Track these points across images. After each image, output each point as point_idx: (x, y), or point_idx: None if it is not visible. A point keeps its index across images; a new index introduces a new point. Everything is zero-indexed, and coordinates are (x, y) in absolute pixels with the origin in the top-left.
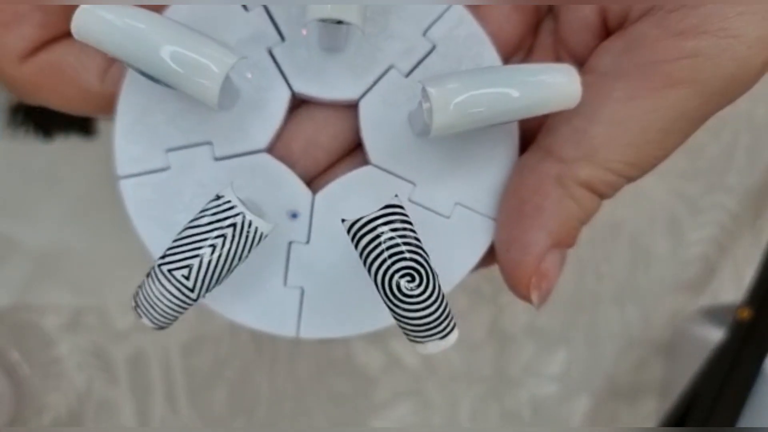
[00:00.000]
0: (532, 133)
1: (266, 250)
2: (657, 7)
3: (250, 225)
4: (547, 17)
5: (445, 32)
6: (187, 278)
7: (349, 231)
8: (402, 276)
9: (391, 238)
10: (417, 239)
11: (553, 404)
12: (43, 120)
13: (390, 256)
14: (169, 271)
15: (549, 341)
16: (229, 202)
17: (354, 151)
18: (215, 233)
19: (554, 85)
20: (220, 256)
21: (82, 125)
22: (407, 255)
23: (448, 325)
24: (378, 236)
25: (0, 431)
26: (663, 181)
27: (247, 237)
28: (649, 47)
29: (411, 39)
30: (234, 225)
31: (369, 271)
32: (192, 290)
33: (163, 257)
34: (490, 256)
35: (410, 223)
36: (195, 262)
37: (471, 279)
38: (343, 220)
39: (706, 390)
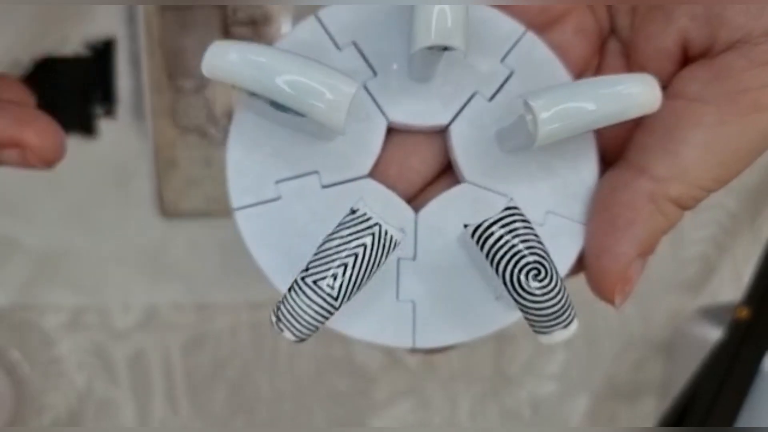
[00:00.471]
0: (611, 146)
1: (378, 269)
2: (743, 40)
3: (386, 233)
4: (611, 38)
5: (521, 58)
6: (332, 287)
7: (473, 234)
8: (529, 272)
9: (516, 237)
10: (537, 236)
11: (552, 403)
12: None
13: (516, 254)
14: (315, 282)
15: None
16: (365, 214)
17: (443, 174)
18: (356, 243)
19: (636, 93)
20: (362, 264)
21: (83, 125)
22: (532, 251)
23: (570, 314)
24: (502, 236)
25: (0, 431)
26: None
27: (384, 245)
28: (737, 77)
29: (491, 67)
30: (373, 234)
31: (497, 270)
32: (336, 299)
33: (306, 270)
34: (578, 265)
35: (529, 222)
36: (339, 271)
37: None
38: (465, 226)
39: (705, 389)
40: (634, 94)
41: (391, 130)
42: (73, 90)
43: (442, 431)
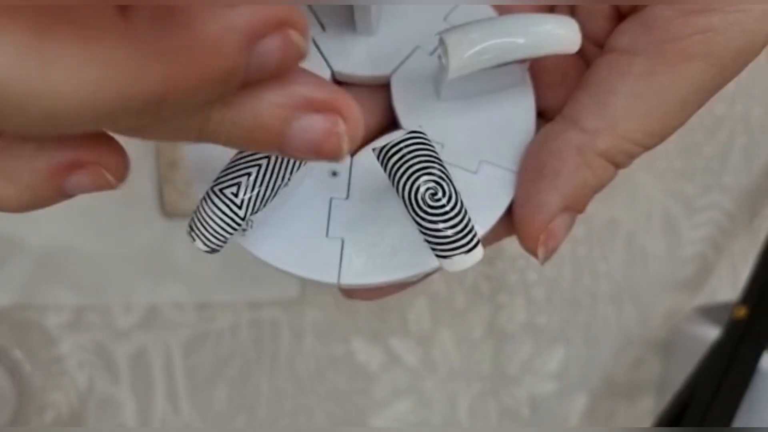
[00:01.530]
0: (553, 107)
1: (310, 205)
2: None
3: None
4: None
5: (462, 16)
6: (236, 195)
7: (379, 155)
8: (426, 190)
9: (416, 156)
10: (439, 159)
11: (551, 402)
12: None
13: (415, 172)
14: (220, 190)
15: (547, 340)
16: None
17: (387, 128)
18: (261, 155)
19: (557, 32)
20: (266, 174)
21: None
22: (430, 171)
23: (472, 239)
24: (404, 156)
25: (2, 430)
26: (660, 181)
27: (289, 160)
28: (664, 26)
29: (433, 23)
30: None
31: (397, 188)
32: (240, 207)
33: (215, 181)
34: (506, 225)
35: (432, 146)
36: (243, 180)
37: (469, 278)
38: (373, 149)
39: (703, 388)
40: (550, 29)
41: (338, 84)
42: None
43: (442, 430)
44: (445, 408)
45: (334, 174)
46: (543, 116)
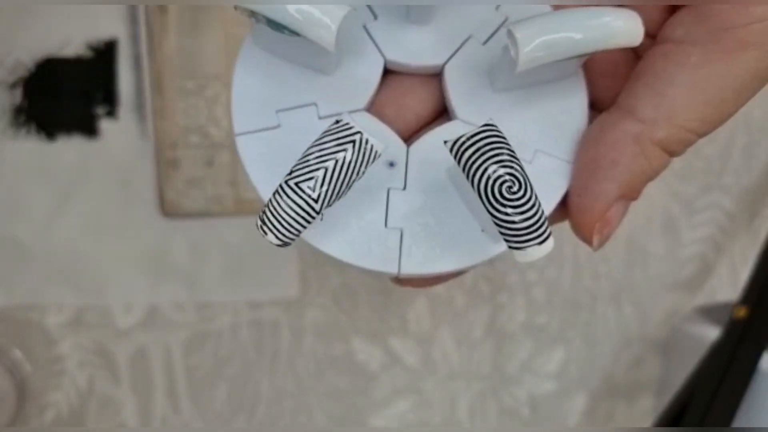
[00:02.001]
0: (604, 97)
1: (368, 196)
2: None
3: (367, 142)
4: None
5: (515, 7)
6: (313, 189)
7: (452, 149)
8: (503, 183)
9: (492, 149)
10: (512, 152)
11: (550, 402)
12: (45, 120)
13: (492, 165)
14: (296, 184)
15: (547, 340)
16: (347, 123)
17: (439, 117)
18: (338, 149)
19: (619, 25)
20: (342, 168)
21: (85, 125)
22: (506, 164)
23: (545, 230)
24: (480, 149)
25: (2, 430)
26: (660, 182)
27: (364, 153)
28: (720, 16)
29: (486, 14)
30: (353, 142)
31: (472, 182)
32: (316, 201)
33: (289, 174)
34: (564, 207)
35: (505, 138)
36: (320, 174)
37: (469, 278)
38: (445, 142)
39: (703, 388)
40: (615, 24)
41: (389, 73)
42: (74, 91)
43: (442, 430)
44: (445, 408)
45: (391, 165)
46: (592, 106)
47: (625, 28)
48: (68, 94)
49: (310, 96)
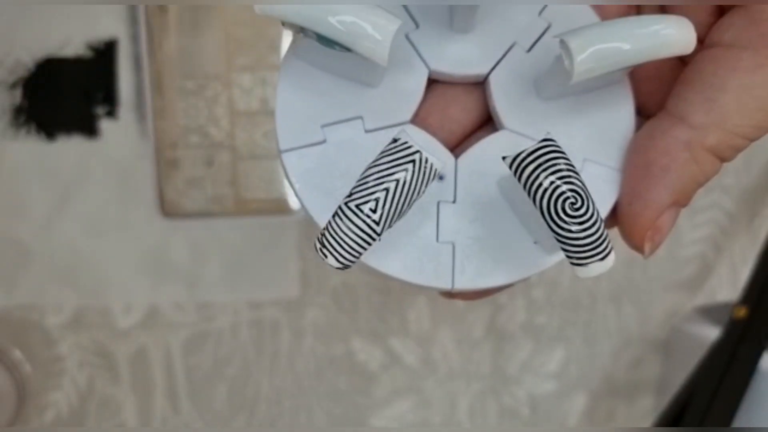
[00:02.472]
0: (650, 102)
1: (418, 211)
2: None
3: (426, 161)
4: None
5: (558, 11)
6: (374, 211)
7: (511, 165)
8: (566, 200)
9: (552, 165)
10: (573, 167)
11: (550, 402)
12: (45, 120)
13: (554, 181)
14: (357, 206)
15: (547, 339)
16: (406, 143)
17: (483, 126)
18: (397, 169)
19: (671, 33)
20: (403, 188)
21: (85, 125)
22: (569, 181)
23: (607, 246)
24: (541, 165)
25: (2, 430)
26: None
27: (424, 172)
28: None
29: (529, 20)
30: (413, 161)
31: (534, 200)
32: (378, 223)
33: (349, 196)
34: (613, 215)
35: (565, 154)
36: (381, 195)
37: None
38: (503, 158)
39: (703, 388)
40: (667, 33)
41: (433, 83)
42: (74, 91)
43: (442, 430)
44: (445, 408)
45: (441, 178)
46: (637, 112)
47: (678, 37)
48: (68, 94)
49: (355, 109)
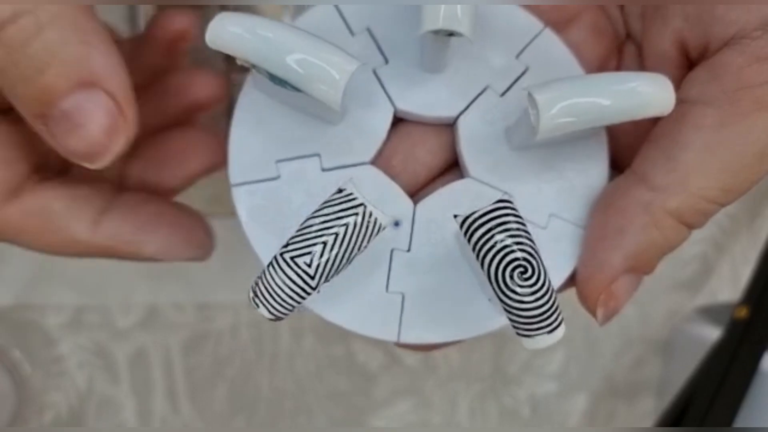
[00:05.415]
0: (627, 156)
1: (370, 257)
2: (738, 35)
3: (371, 216)
4: (628, 42)
5: (537, 55)
6: (309, 265)
7: (462, 225)
8: (515, 269)
9: (504, 231)
10: (528, 233)
11: (551, 403)
12: None
13: (503, 248)
14: (292, 258)
15: None
16: (351, 194)
17: (450, 169)
18: (338, 222)
19: (646, 92)
20: (342, 244)
21: None
22: (521, 248)
23: (556, 319)
24: (491, 229)
25: (1, 430)
26: None
27: (367, 227)
28: (736, 74)
29: (505, 61)
30: (356, 215)
31: (482, 264)
32: (312, 278)
33: (285, 246)
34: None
35: (521, 218)
36: (317, 249)
37: None
38: (455, 216)
39: (704, 388)
40: (645, 92)
41: (400, 121)
42: None
43: (442, 431)
44: (445, 408)
45: (396, 224)
46: (614, 166)
47: (656, 96)
48: None
49: (313, 146)
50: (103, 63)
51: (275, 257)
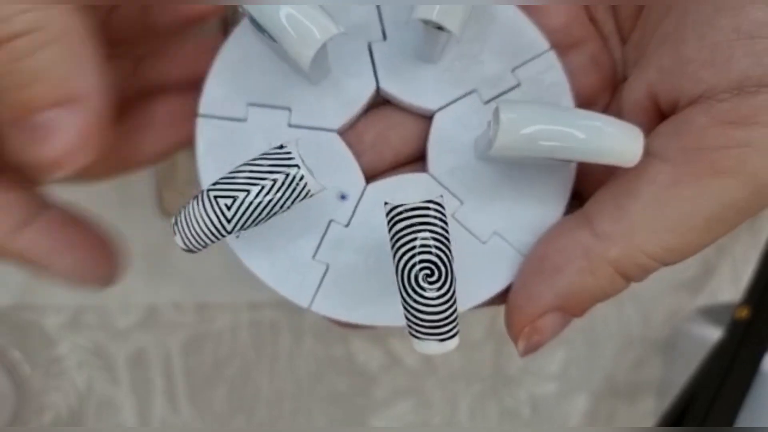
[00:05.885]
0: (592, 191)
1: (307, 221)
2: (706, 95)
3: (301, 179)
4: (623, 85)
5: (533, 74)
6: (229, 208)
7: (388, 213)
8: (423, 268)
9: (424, 230)
10: (447, 239)
11: (551, 403)
12: None
13: (416, 246)
14: (215, 197)
15: None
16: (289, 153)
17: (417, 162)
18: (268, 176)
19: (616, 138)
20: (266, 196)
21: None
22: (434, 250)
23: (451, 330)
24: (412, 224)
25: (1, 430)
26: None
27: (294, 189)
28: (696, 133)
29: (500, 72)
30: (287, 174)
31: (394, 256)
32: (229, 221)
33: (213, 184)
34: (502, 297)
35: (445, 223)
36: (241, 195)
37: None
38: (386, 203)
39: (705, 389)
40: (612, 137)
41: (386, 102)
42: None
43: (442, 431)
44: (446, 408)
45: (343, 197)
46: (577, 197)
47: (623, 145)
48: None
49: (286, 99)
50: (86, 85)
51: (202, 192)
